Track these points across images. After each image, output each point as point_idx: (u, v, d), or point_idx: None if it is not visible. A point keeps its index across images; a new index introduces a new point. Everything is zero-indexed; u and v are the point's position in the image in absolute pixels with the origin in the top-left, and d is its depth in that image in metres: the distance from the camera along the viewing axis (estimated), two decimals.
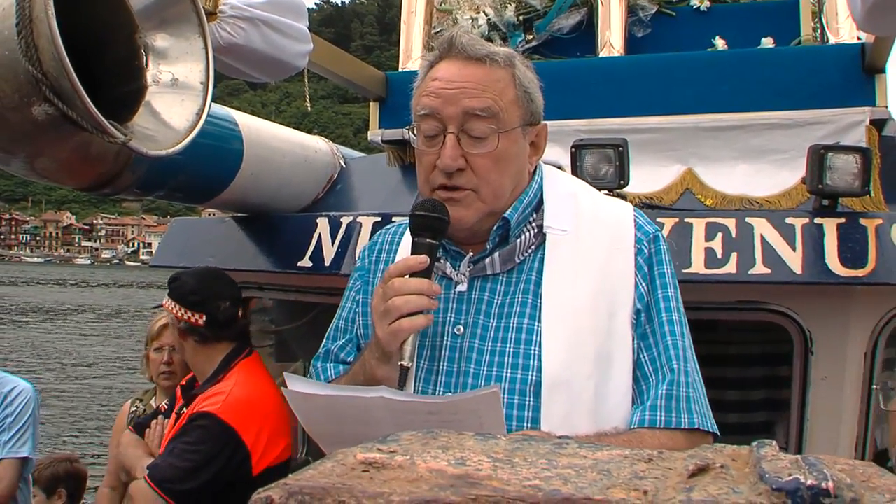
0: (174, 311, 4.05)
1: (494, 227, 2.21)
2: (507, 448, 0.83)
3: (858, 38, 4.37)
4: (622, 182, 3.60)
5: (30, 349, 33.32)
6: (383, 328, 2.05)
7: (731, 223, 3.53)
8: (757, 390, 4.30)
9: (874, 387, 3.61)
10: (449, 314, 2.20)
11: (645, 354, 2.15)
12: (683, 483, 0.74)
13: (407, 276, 2.08)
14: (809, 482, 0.70)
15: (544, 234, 2.22)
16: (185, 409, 4.01)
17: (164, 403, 4.38)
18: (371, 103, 4.91)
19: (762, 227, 3.50)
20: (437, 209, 2.14)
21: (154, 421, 4.25)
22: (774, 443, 0.82)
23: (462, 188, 2.16)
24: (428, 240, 2.13)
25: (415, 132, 2.24)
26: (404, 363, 2.05)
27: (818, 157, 3.49)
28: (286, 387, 2.00)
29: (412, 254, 2.14)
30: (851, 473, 0.75)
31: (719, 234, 3.51)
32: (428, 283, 2.08)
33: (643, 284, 2.18)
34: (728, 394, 4.20)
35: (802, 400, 3.73)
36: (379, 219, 3.92)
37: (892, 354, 3.81)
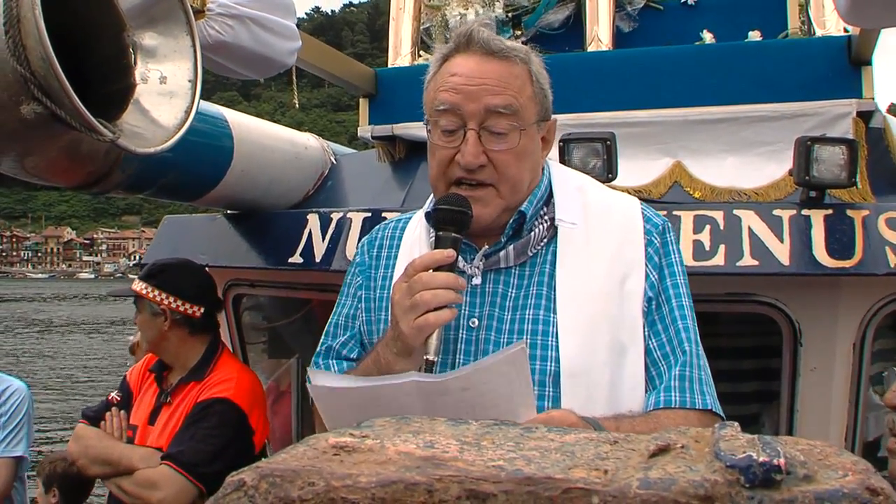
0: (165, 303, 4.02)
1: (510, 221, 2.23)
2: (477, 432, 0.85)
3: (845, 31, 4.39)
4: (610, 176, 3.61)
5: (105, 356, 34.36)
6: (408, 323, 2.02)
7: (718, 215, 3.55)
8: (748, 382, 4.32)
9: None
10: (464, 307, 2.19)
11: (654, 341, 2.18)
12: (644, 462, 0.76)
13: (433, 271, 2.06)
14: (762, 459, 0.72)
15: (556, 227, 2.24)
16: (169, 398, 4.02)
17: (115, 395, 4.27)
18: (360, 100, 4.92)
19: (750, 219, 3.51)
20: (460, 203, 2.15)
21: (108, 413, 4.16)
22: (736, 424, 0.84)
23: (482, 183, 2.17)
24: (453, 234, 2.13)
25: (429, 127, 2.25)
26: (430, 357, 2.04)
27: (805, 149, 3.50)
28: (309, 383, 1.98)
29: (436, 248, 2.13)
30: (809, 452, 0.77)
31: (707, 227, 3.53)
32: (455, 277, 2.07)
33: (653, 273, 2.21)
34: (719, 386, 4.21)
35: (792, 391, 3.75)
36: (369, 214, 3.93)
37: (882, 346, 3.83)
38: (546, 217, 2.27)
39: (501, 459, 0.76)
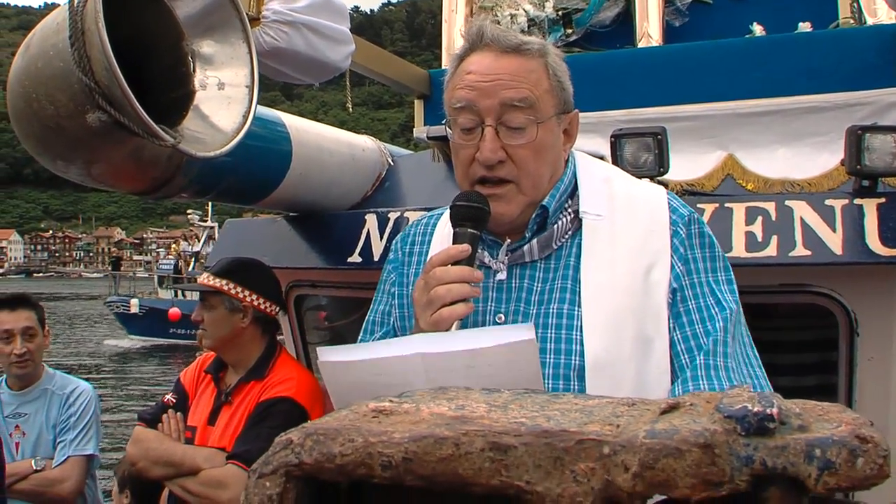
0: (248, 300, 4.11)
1: (533, 216, 2.22)
2: (507, 398, 0.92)
3: None
4: (662, 170, 3.62)
5: None
6: (426, 319, 2.04)
7: (770, 206, 3.54)
8: (806, 377, 4.29)
9: None
10: (489, 303, 2.20)
11: (678, 333, 2.13)
12: (654, 418, 0.83)
13: (448, 266, 2.08)
14: (756, 409, 0.78)
15: (580, 220, 2.22)
16: (230, 398, 4.08)
17: (171, 397, 4.30)
18: (415, 101, 4.99)
19: (802, 210, 3.50)
20: (477, 199, 2.16)
21: (165, 415, 4.19)
22: (748, 386, 0.90)
23: (503, 180, 2.17)
24: (469, 229, 2.14)
25: (450, 126, 2.25)
26: None
27: (856, 138, 3.48)
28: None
29: (453, 243, 2.14)
30: (811, 410, 0.82)
31: (759, 218, 3.52)
32: (470, 270, 2.07)
33: (679, 265, 2.16)
34: (778, 380, 4.19)
35: (850, 381, 3.72)
36: (425, 213, 3.98)
37: None
38: (570, 210, 2.26)
39: (524, 417, 0.83)
